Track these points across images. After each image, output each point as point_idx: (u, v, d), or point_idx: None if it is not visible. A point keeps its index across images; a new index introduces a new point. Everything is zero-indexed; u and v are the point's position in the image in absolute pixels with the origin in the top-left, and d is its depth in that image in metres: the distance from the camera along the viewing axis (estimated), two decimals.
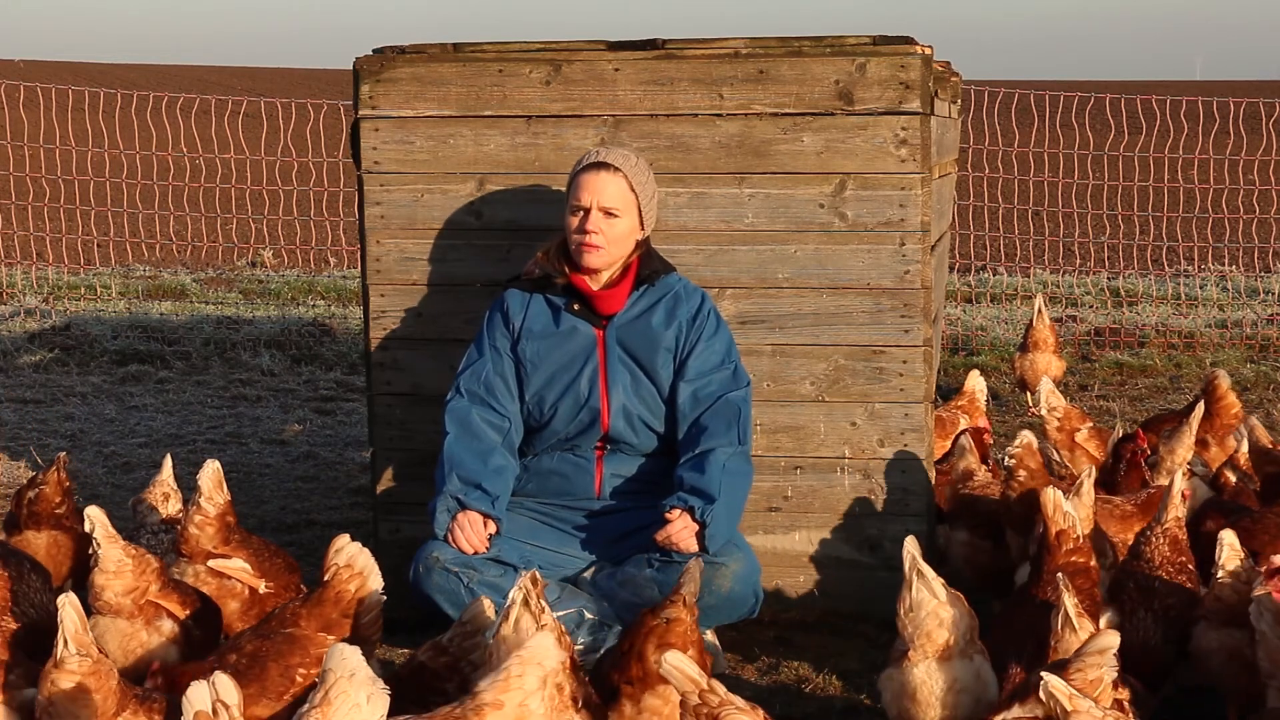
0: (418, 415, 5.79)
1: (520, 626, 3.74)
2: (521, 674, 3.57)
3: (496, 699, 3.54)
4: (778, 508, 5.72)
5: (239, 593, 5.04)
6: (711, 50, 5.63)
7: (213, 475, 5.06)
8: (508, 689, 3.55)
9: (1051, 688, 3.50)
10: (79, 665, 3.72)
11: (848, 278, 5.61)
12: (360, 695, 3.33)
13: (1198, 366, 10.64)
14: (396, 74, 5.73)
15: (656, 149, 5.61)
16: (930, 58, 5.62)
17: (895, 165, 5.54)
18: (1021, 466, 5.43)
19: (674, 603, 4.07)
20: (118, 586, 4.53)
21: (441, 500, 5.16)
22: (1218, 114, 13.03)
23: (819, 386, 5.67)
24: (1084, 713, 3.49)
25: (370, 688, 3.35)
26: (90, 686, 3.71)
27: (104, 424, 9.14)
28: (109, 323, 12.10)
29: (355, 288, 13.17)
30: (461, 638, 4.15)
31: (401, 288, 5.82)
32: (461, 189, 5.74)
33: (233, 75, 59.24)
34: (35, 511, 5.50)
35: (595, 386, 5.30)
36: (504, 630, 3.76)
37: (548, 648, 3.62)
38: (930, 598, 4.20)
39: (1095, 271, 13.80)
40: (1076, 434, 6.91)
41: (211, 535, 5.04)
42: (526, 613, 3.74)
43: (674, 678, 3.52)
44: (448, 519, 5.14)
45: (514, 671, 3.57)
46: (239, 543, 5.10)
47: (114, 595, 4.53)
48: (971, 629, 4.26)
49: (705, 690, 3.51)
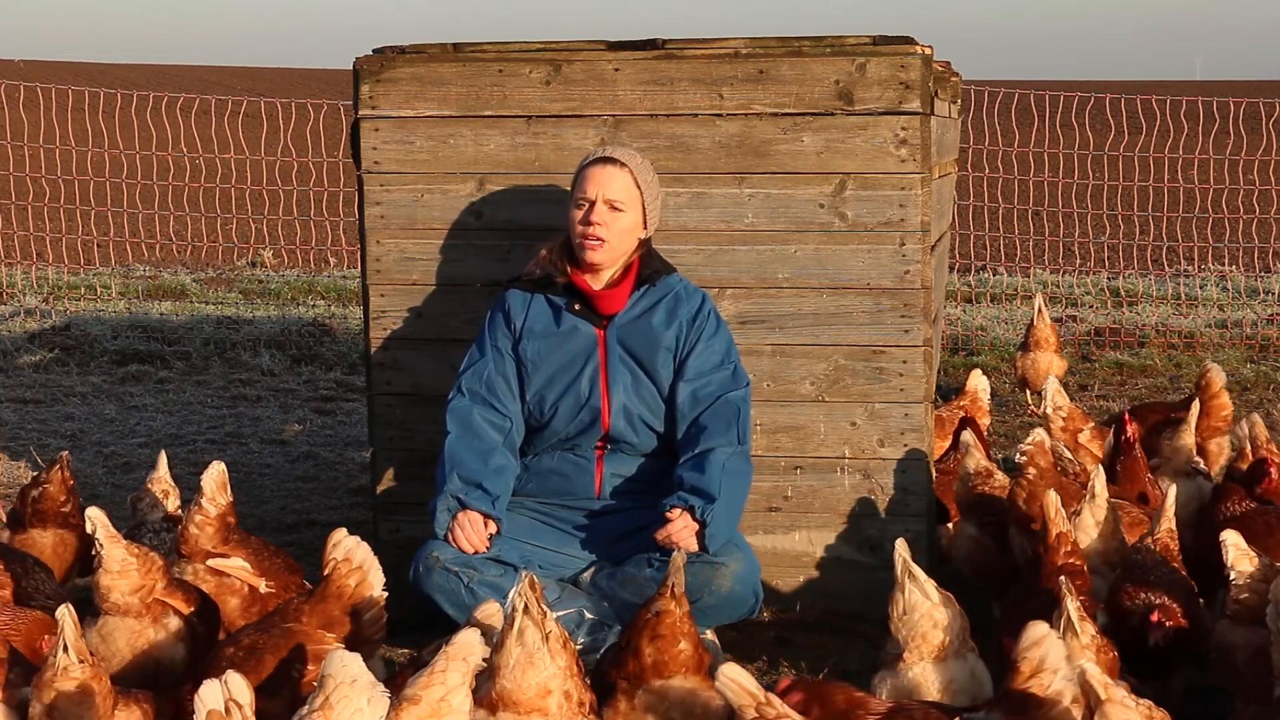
0: (418, 415, 5.79)
1: (524, 633, 3.73)
2: (445, 669, 3.58)
3: (415, 694, 3.55)
4: (778, 508, 5.72)
5: (238, 589, 5.05)
6: (711, 50, 5.63)
7: (216, 477, 5.09)
8: (430, 684, 3.56)
9: (1089, 676, 3.51)
10: (81, 673, 3.73)
11: (848, 278, 5.61)
12: (361, 700, 3.34)
13: (1198, 366, 10.56)
14: (396, 74, 5.73)
15: (656, 149, 5.61)
16: (930, 58, 5.62)
17: (895, 165, 5.54)
18: (1032, 464, 5.41)
19: (661, 595, 4.10)
20: (124, 586, 4.54)
21: (442, 500, 5.16)
22: (1218, 114, 13.03)
23: (819, 386, 5.67)
24: (1118, 702, 3.50)
25: (371, 692, 3.36)
26: (92, 690, 3.73)
27: (104, 424, 9.14)
28: (109, 323, 12.10)
29: (355, 288, 13.17)
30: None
31: (401, 288, 5.82)
32: (461, 189, 5.74)
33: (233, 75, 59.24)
34: (40, 510, 5.53)
35: (596, 386, 5.31)
36: (507, 638, 3.75)
37: (472, 643, 3.63)
38: (923, 599, 4.21)
39: (1095, 271, 13.80)
40: (1079, 434, 6.91)
41: (211, 535, 5.06)
42: (529, 619, 3.73)
43: (730, 691, 3.55)
44: (448, 518, 5.14)
45: (438, 667, 3.59)
46: (238, 543, 5.12)
47: (120, 595, 4.54)
48: (964, 629, 4.27)
49: (763, 703, 3.52)
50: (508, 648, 3.73)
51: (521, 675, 3.71)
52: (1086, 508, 5.07)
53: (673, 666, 4.07)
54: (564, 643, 3.81)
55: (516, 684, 3.71)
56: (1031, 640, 3.75)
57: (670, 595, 4.10)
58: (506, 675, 3.72)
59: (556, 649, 3.76)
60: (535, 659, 3.72)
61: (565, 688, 3.74)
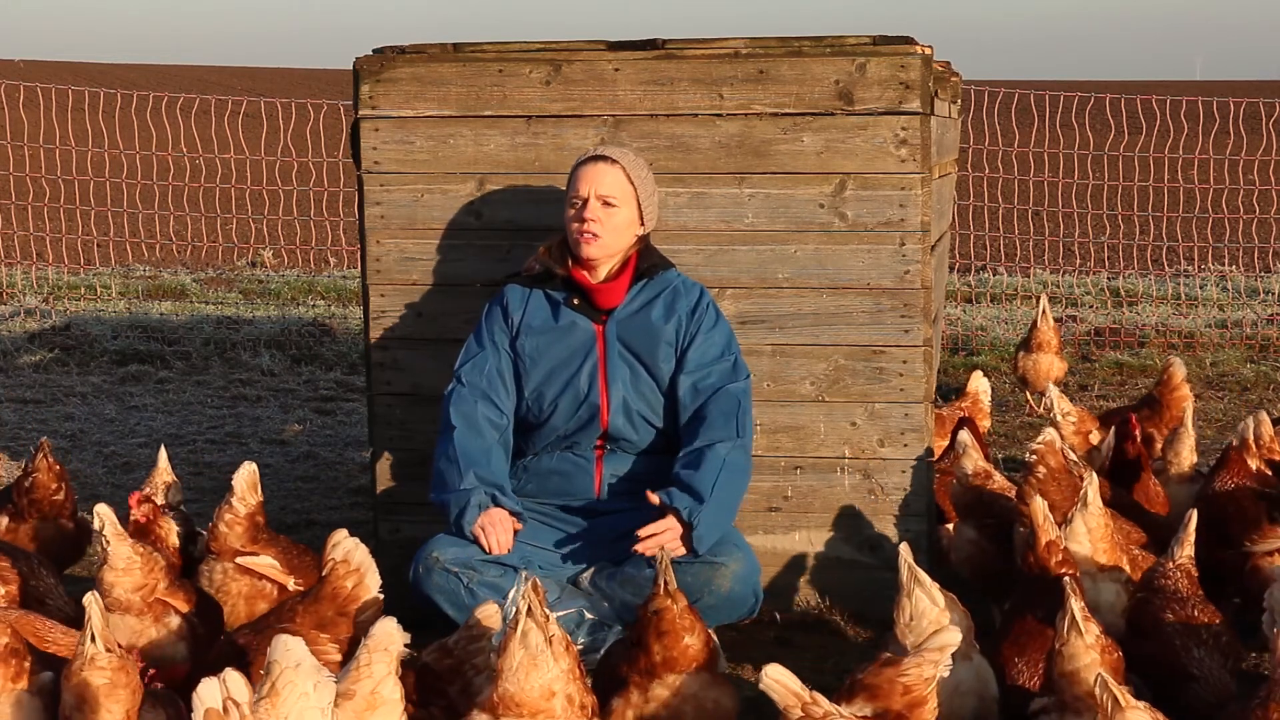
0: (418, 415, 5.78)
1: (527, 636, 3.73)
2: (369, 662, 3.66)
3: (348, 689, 3.62)
4: (778, 508, 5.72)
5: (268, 593, 5.12)
6: (711, 50, 5.63)
7: (248, 477, 5.20)
8: (359, 678, 3.64)
9: (1108, 685, 3.51)
10: (108, 662, 3.75)
11: (848, 278, 5.61)
12: (307, 684, 3.37)
13: (1198, 367, 10.64)
14: (396, 74, 5.73)
15: (656, 149, 5.61)
16: (930, 58, 5.62)
17: (895, 165, 5.54)
18: (1042, 463, 5.39)
19: (655, 595, 4.13)
20: (127, 584, 4.57)
21: (474, 494, 5.12)
22: (1218, 114, 13.03)
23: (819, 386, 5.67)
24: (1140, 709, 3.52)
25: (316, 676, 3.40)
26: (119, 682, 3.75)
27: (104, 424, 9.14)
28: (109, 323, 12.10)
29: (355, 288, 13.17)
30: (467, 640, 4.15)
31: (401, 288, 5.82)
32: (461, 189, 5.74)
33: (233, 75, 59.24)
34: (34, 500, 5.60)
35: (595, 382, 5.30)
36: (510, 640, 3.74)
37: (390, 632, 3.71)
38: (931, 606, 4.21)
39: (1095, 271, 13.80)
40: (1090, 435, 6.90)
41: (240, 534, 5.15)
42: (532, 621, 3.73)
43: (776, 692, 3.56)
44: (477, 514, 5.11)
45: (362, 660, 3.66)
46: (267, 541, 5.22)
47: (123, 592, 4.57)
48: (969, 629, 4.26)
49: (808, 703, 3.52)
50: (511, 650, 3.72)
51: (525, 678, 3.71)
52: (1078, 514, 5.02)
53: (682, 662, 4.09)
54: (566, 645, 3.80)
55: (520, 687, 3.70)
56: None
57: (664, 593, 4.11)
58: (510, 678, 3.71)
59: (560, 651, 3.75)
60: (539, 661, 3.71)
61: (568, 691, 3.74)
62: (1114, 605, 4.93)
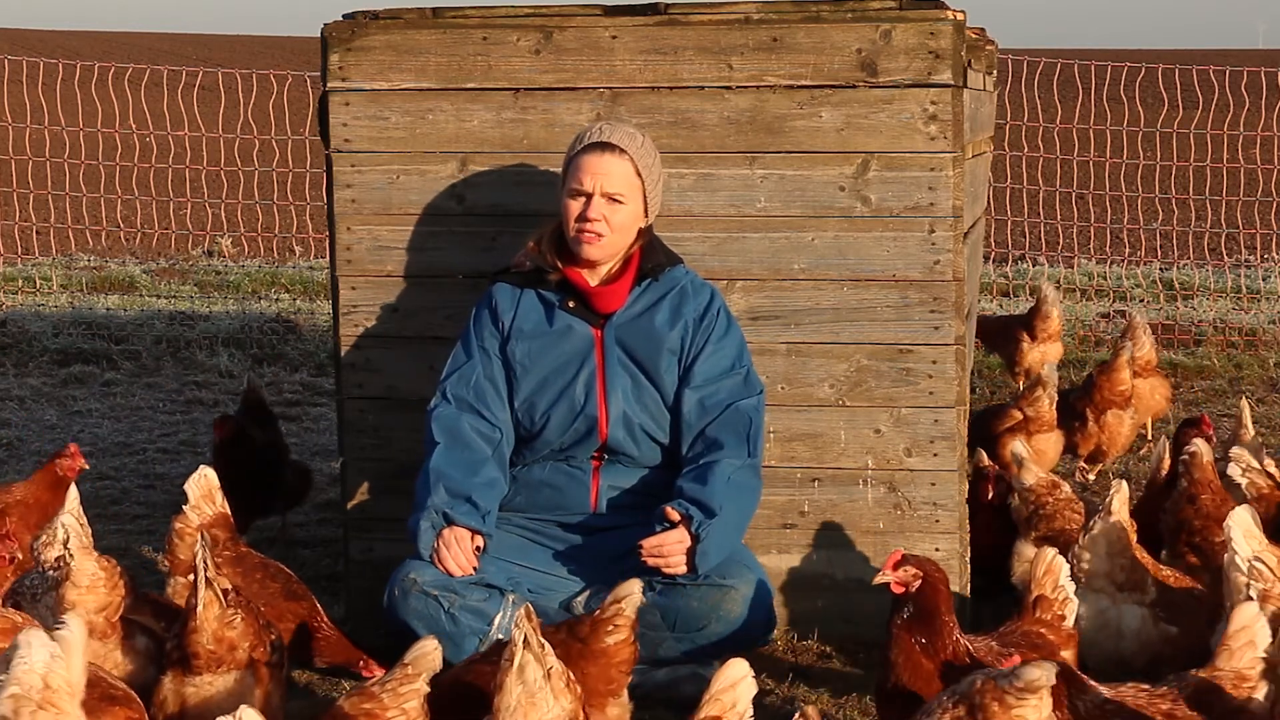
0: (392, 421, 5.79)
1: (525, 670, 3.71)
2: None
3: None
4: (793, 524, 5.72)
5: None
6: (720, 15, 5.64)
7: (202, 484, 5.18)
8: None
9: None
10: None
11: (871, 268, 5.62)
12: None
13: (1260, 367, 10.64)
14: (369, 42, 5.74)
15: (658, 125, 5.62)
16: (962, 24, 5.63)
17: (924, 143, 5.55)
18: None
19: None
20: (90, 604, 4.53)
21: (425, 515, 5.15)
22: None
23: (839, 389, 5.68)
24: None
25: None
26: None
27: (44, 431, 9.15)
28: (49, 318, 12.11)
29: (323, 280, 13.18)
30: (398, 682, 3.94)
31: (375, 280, 5.83)
32: (442, 170, 5.75)
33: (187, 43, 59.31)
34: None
35: (592, 392, 5.30)
36: (507, 677, 3.72)
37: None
38: None
39: (1146, 261, 13.83)
40: None
41: (192, 545, 5.04)
42: (529, 653, 3.71)
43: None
44: (433, 536, 5.13)
45: None
46: (228, 560, 5.15)
47: (85, 613, 4.53)
48: None
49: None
50: (508, 688, 3.69)
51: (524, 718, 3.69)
52: (1099, 523, 5.05)
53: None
54: (567, 681, 3.79)
55: None
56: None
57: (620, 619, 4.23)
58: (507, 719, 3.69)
59: (560, 688, 3.74)
60: (537, 700, 3.70)
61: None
62: (1139, 633, 4.93)
